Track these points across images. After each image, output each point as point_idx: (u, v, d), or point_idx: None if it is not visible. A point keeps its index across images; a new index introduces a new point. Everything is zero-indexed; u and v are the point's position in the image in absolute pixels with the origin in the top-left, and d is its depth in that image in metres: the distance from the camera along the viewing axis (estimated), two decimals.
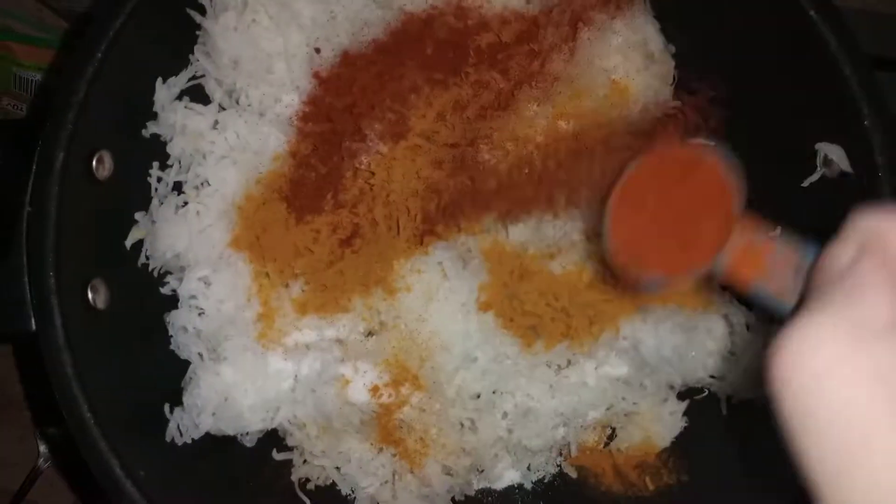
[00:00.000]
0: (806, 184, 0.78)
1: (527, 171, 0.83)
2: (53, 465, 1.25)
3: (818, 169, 0.77)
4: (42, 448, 1.23)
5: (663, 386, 0.81)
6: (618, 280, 0.65)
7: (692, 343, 0.78)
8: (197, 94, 0.83)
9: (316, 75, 0.82)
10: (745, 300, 0.82)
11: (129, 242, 0.80)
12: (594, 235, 0.79)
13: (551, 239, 0.80)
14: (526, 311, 0.80)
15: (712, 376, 0.80)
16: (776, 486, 0.72)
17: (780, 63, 0.79)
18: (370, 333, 0.83)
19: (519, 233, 0.81)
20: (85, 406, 0.69)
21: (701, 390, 0.83)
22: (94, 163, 0.75)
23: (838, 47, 0.72)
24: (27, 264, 0.71)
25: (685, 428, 0.84)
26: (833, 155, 0.75)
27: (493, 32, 0.83)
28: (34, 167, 0.72)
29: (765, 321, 0.80)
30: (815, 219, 0.77)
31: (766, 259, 0.50)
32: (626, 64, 0.83)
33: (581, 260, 0.79)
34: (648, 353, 0.78)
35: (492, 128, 0.83)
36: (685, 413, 0.84)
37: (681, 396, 0.84)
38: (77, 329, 0.71)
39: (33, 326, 0.71)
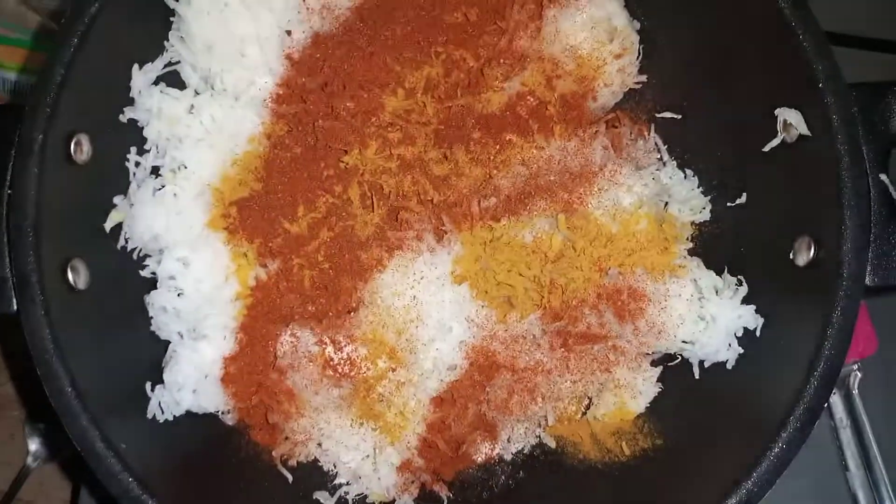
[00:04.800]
0: (767, 148, 0.79)
1: (497, 147, 0.85)
2: (43, 464, 1.26)
3: (778, 133, 0.79)
4: (32, 447, 1.24)
5: (636, 353, 0.83)
6: None
7: (661, 309, 0.79)
8: (173, 80, 0.85)
9: (288, 57, 0.84)
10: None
11: (108, 225, 0.81)
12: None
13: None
14: (499, 281, 0.81)
15: (684, 341, 0.81)
16: (748, 445, 0.73)
17: (738, 32, 0.81)
18: (349, 311, 0.84)
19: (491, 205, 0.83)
20: (67, 382, 0.70)
21: (674, 356, 0.85)
22: (72, 146, 0.77)
23: (792, 13, 0.75)
24: (7, 244, 0.73)
25: (659, 393, 0.85)
26: (791, 119, 0.77)
27: (461, 12, 0.86)
28: (13, 150, 0.74)
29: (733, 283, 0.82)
30: (777, 181, 0.80)
31: None
32: (592, 40, 0.85)
33: (550, 228, 0.81)
34: (619, 320, 0.80)
35: (462, 105, 0.85)
36: (659, 379, 0.85)
37: (654, 363, 0.86)
38: (58, 308, 0.72)
39: (15, 307, 0.72)
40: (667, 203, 0.87)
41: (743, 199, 0.85)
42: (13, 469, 1.28)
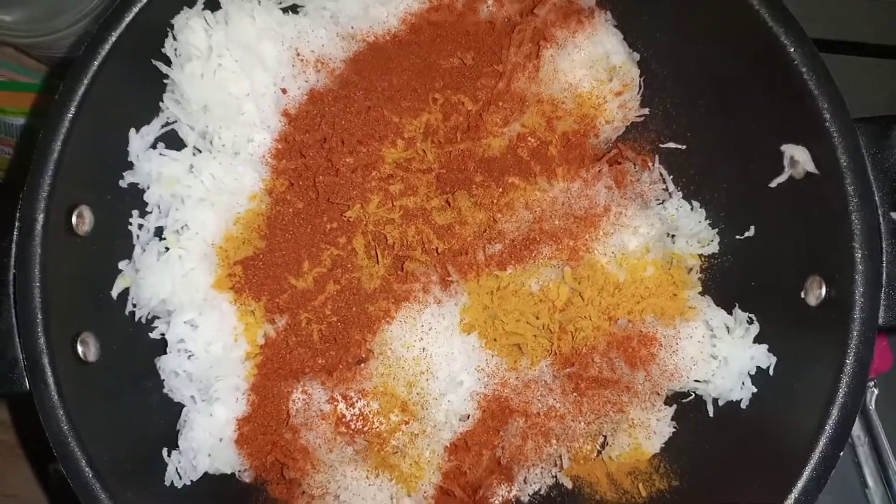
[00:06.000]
0: (774, 184, 0.78)
1: (500, 190, 0.84)
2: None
3: (785, 170, 0.77)
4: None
5: (650, 393, 0.82)
6: None
7: (673, 352, 0.79)
8: (172, 139, 0.85)
9: (285, 113, 0.83)
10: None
11: (115, 293, 0.81)
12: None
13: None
14: (508, 330, 0.81)
15: (697, 380, 0.81)
16: (766, 486, 0.73)
17: (741, 65, 0.79)
18: (359, 361, 0.84)
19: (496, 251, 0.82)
20: (83, 460, 0.71)
21: (687, 394, 0.84)
22: (74, 219, 0.77)
23: (795, 51, 0.73)
24: (16, 325, 0.73)
25: (674, 432, 0.85)
26: (798, 156, 0.75)
27: (457, 56, 0.84)
28: (16, 230, 0.74)
29: (745, 321, 0.81)
30: (786, 217, 0.79)
31: None
32: (591, 77, 0.84)
33: (557, 277, 0.80)
34: (630, 367, 0.79)
35: (462, 150, 0.84)
36: (673, 418, 0.85)
37: (668, 401, 0.85)
38: (69, 384, 0.73)
39: (27, 386, 0.73)
40: (674, 237, 0.86)
41: (751, 232, 0.83)
42: None
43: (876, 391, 1.01)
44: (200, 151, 0.85)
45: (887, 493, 0.99)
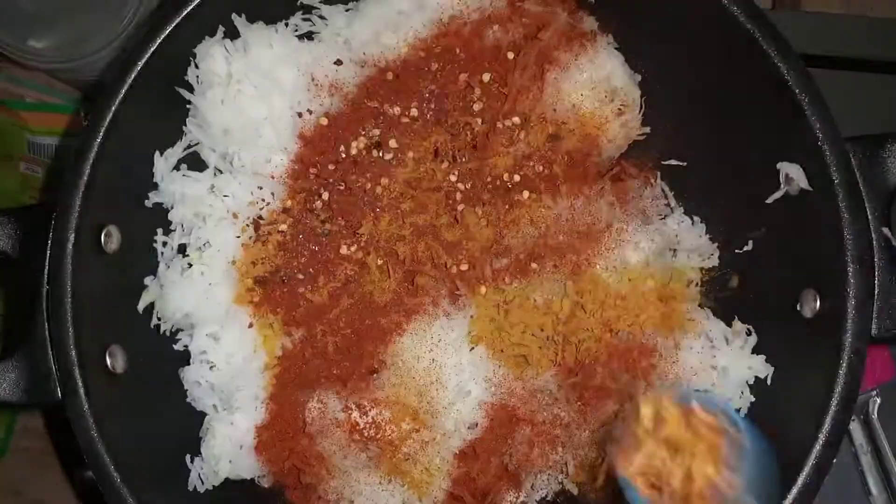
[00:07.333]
0: (770, 200, 0.81)
1: (507, 207, 0.88)
2: None
3: (781, 186, 0.80)
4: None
5: None
6: None
7: (673, 363, 0.82)
8: (194, 160, 0.89)
9: (301, 136, 0.87)
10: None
11: (140, 307, 0.86)
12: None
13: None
14: (513, 342, 0.85)
15: (697, 390, 0.84)
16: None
17: (737, 87, 0.83)
18: (372, 371, 0.88)
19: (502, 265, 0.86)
20: (112, 466, 0.75)
21: None
22: (102, 238, 0.81)
23: (788, 73, 0.76)
24: (49, 339, 0.78)
25: None
26: (793, 173, 0.78)
27: (465, 79, 0.88)
28: (48, 249, 0.78)
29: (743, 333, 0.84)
30: (782, 232, 0.82)
31: None
32: (593, 98, 0.87)
33: (560, 292, 0.83)
34: (631, 377, 0.82)
35: (470, 168, 0.88)
36: None
37: None
38: (99, 394, 0.77)
39: (59, 396, 0.77)
40: (675, 251, 0.89)
41: (749, 246, 0.86)
42: None
43: (878, 400, 1.03)
44: (221, 172, 0.89)
45: (891, 500, 1.01)
